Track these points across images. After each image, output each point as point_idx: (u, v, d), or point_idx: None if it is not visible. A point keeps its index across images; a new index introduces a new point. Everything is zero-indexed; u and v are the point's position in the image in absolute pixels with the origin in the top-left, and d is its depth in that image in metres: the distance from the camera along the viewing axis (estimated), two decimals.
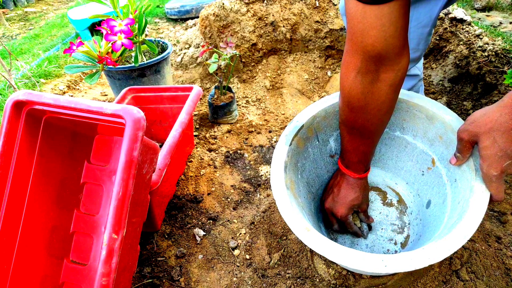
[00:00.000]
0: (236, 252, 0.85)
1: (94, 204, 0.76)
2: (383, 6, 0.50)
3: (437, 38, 1.46)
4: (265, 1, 1.48)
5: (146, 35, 1.20)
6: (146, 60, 1.23)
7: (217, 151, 1.20)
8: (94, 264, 0.72)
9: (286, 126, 0.82)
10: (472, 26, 1.43)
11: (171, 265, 0.83)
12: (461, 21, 1.43)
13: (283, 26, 1.48)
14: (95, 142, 0.79)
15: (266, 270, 0.80)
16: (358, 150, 0.71)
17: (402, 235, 0.79)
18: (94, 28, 2.46)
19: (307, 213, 0.72)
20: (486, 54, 1.30)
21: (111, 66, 1.10)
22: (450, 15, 1.45)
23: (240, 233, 0.90)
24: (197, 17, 2.14)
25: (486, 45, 1.32)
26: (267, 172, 1.11)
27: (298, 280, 0.77)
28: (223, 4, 1.45)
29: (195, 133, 1.28)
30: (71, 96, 1.67)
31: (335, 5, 1.50)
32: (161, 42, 1.40)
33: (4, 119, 0.63)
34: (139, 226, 0.72)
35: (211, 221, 0.94)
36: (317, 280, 0.76)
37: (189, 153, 1.17)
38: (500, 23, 1.88)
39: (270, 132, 1.29)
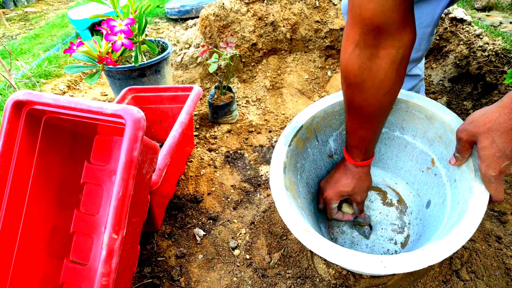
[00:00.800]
0: (236, 252, 0.85)
1: (94, 204, 0.76)
2: None
3: (437, 38, 1.46)
4: (265, 1, 1.48)
5: (146, 35, 1.19)
6: (146, 60, 1.23)
7: (217, 151, 1.20)
8: (94, 264, 0.72)
9: (286, 126, 0.82)
10: (472, 26, 1.43)
11: (171, 265, 0.83)
12: (461, 21, 1.43)
13: (283, 26, 1.48)
14: (95, 142, 0.79)
15: (266, 270, 0.80)
16: (356, 134, 0.69)
17: (402, 235, 0.79)
18: (94, 28, 2.46)
19: (307, 214, 0.72)
20: (486, 54, 1.30)
21: (111, 66, 1.10)
22: (450, 15, 1.45)
23: (240, 233, 0.90)
24: (197, 17, 2.15)
25: (486, 45, 1.32)
26: (267, 172, 1.11)
27: (298, 280, 0.77)
28: (223, 4, 1.45)
29: (195, 133, 1.28)
30: (71, 96, 1.67)
31: (335, 5, 1.50)
32: (161, 42, 1.40)
33: (4, 119, 0.63)
34: (139, 226, 0.72)
35: (211, 221, 0.94)
36: (317, 280, 0.76)
37: (189, 153, 1.17)
38: (500, 23, 1.88)
39: (270, 132, 1.29)
